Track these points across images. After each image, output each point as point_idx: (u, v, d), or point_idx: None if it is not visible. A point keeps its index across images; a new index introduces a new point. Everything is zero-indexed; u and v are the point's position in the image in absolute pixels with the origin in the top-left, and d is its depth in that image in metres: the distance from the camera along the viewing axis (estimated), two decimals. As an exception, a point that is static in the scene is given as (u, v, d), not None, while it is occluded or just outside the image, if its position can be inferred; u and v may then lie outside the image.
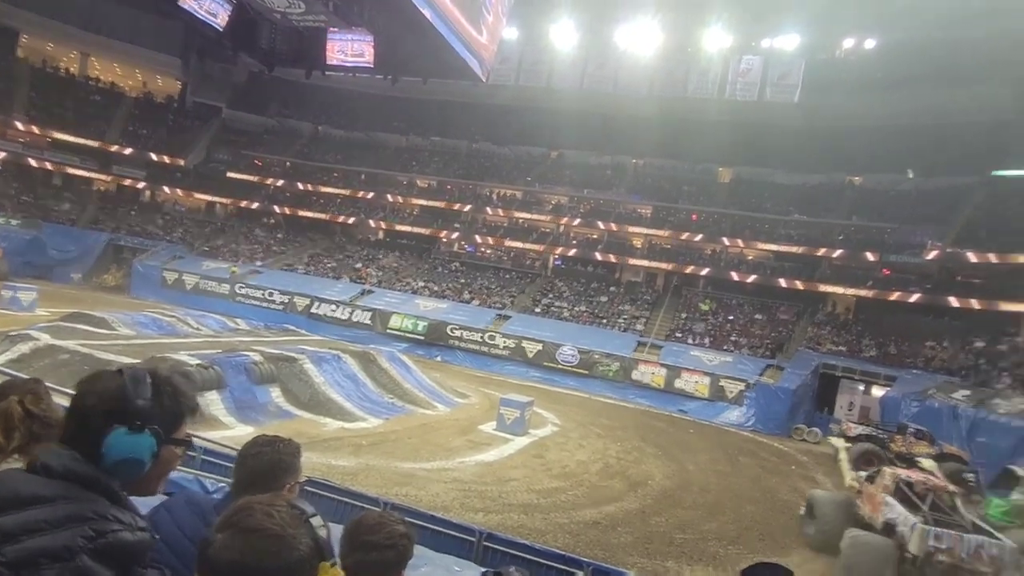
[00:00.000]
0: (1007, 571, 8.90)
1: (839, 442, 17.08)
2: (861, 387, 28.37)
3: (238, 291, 34.26)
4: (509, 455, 15.32)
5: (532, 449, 16.19)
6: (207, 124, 47.16)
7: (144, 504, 1.73)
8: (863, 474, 12.74)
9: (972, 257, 28.84)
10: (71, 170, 41.70)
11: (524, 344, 29.93)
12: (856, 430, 21.04)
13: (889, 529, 10.24)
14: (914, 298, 30.01)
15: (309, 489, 7.77)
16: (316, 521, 1.22)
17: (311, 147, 46.29)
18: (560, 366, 29.24)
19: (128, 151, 42.68)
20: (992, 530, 10.02)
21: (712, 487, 15.39)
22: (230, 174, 43.70)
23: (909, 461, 14.54)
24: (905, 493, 10.65)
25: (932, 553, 9.18)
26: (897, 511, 10.29)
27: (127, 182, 43.60)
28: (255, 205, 43.18)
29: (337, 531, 1.81)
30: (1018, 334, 27.89)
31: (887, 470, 11.76)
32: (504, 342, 30.33)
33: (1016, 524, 12.28)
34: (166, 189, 44.20)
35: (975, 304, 28.26)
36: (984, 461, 18.83)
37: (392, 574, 1.78)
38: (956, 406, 22.13)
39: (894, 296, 30.58)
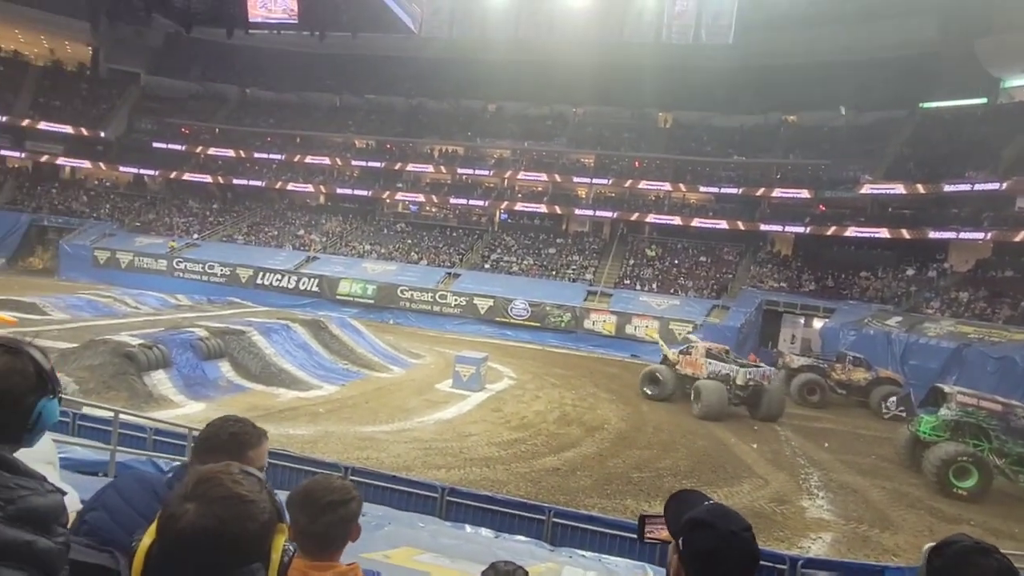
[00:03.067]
0: (775, 382, 18.15)
1: (655, 334, 24.85)
2: (802, 320, 29.69)
3: (176, 266, 32.97)
4: (467, 411, 15.51)
5: (490, 403, 16.41)
6: (125, 92, 44.28)
7: (93, 485, 1.62)
8: (676, 349, 19.86)
9: (901, 189, 30.04)
10: (-21, 149, 38.79)
11: (475, 301, 29.96)
12: (798, 362, 22.09)
13: (715, 375, 17.67)
14: (849, 232, 31.22)
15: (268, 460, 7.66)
16: (270, 487, 1.28)
17: (240, 111, 44.14)
18: (512, 320, 29.47)
19: (42, 125, 39.84)
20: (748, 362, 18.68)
21: (665, 426, 15.96)
22: (156, 144, 41.38)
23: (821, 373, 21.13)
24: (713, 355, 18.37)
25: (748, 380, 17.35)
26: (717, 365, 17.92)
27: (44, 158, 40.78)
28: (186, 176, 41.17)
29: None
30: (945, 260, 29.48)
31: (699, 345, 19.16)
32: (455, 300, 30.29)
33: (944, 437, 13.09)
34: (87, 164, 41.62)
35: (905, 234, 29.54)
36: (915, 382, 20.13)
37: (353, 527, 1.89)
38: (890, 332, 23.42)
39: (830, 231, 31.71)
